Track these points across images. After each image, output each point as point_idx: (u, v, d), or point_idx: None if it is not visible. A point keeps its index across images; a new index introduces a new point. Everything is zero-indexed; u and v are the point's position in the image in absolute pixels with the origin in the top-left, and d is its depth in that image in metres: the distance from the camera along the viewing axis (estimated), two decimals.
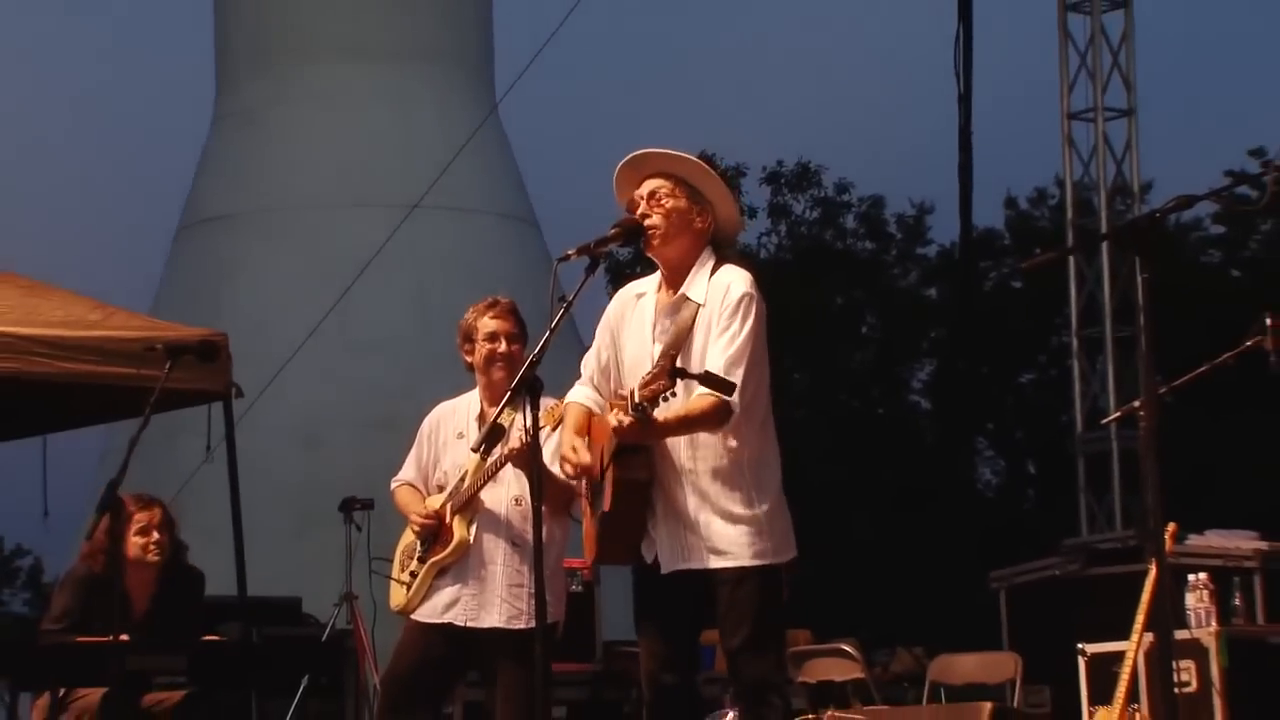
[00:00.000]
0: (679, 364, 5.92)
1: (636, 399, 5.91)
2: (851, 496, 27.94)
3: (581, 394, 6.47)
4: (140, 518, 8.55)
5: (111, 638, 7.88)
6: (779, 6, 67.61)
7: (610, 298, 6.68)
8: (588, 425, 6.35)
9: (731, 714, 6.88)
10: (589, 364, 6.50)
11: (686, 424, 6.05)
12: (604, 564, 6.51)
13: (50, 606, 9.04)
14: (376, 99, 18.94)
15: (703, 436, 6.13)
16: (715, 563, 6.17)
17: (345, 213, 17.72)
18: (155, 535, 8.67)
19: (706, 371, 5.87)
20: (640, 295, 6.47)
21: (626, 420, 5.99)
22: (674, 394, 5.88)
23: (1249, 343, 8.20)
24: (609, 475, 6.17)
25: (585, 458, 6.23)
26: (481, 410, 7.37)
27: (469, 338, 7.39)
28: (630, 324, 6.43)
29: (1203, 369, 8.25)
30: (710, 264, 6.29)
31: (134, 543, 8.60)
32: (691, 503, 6.18)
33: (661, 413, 5.95)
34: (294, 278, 17.22)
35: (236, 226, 19.02)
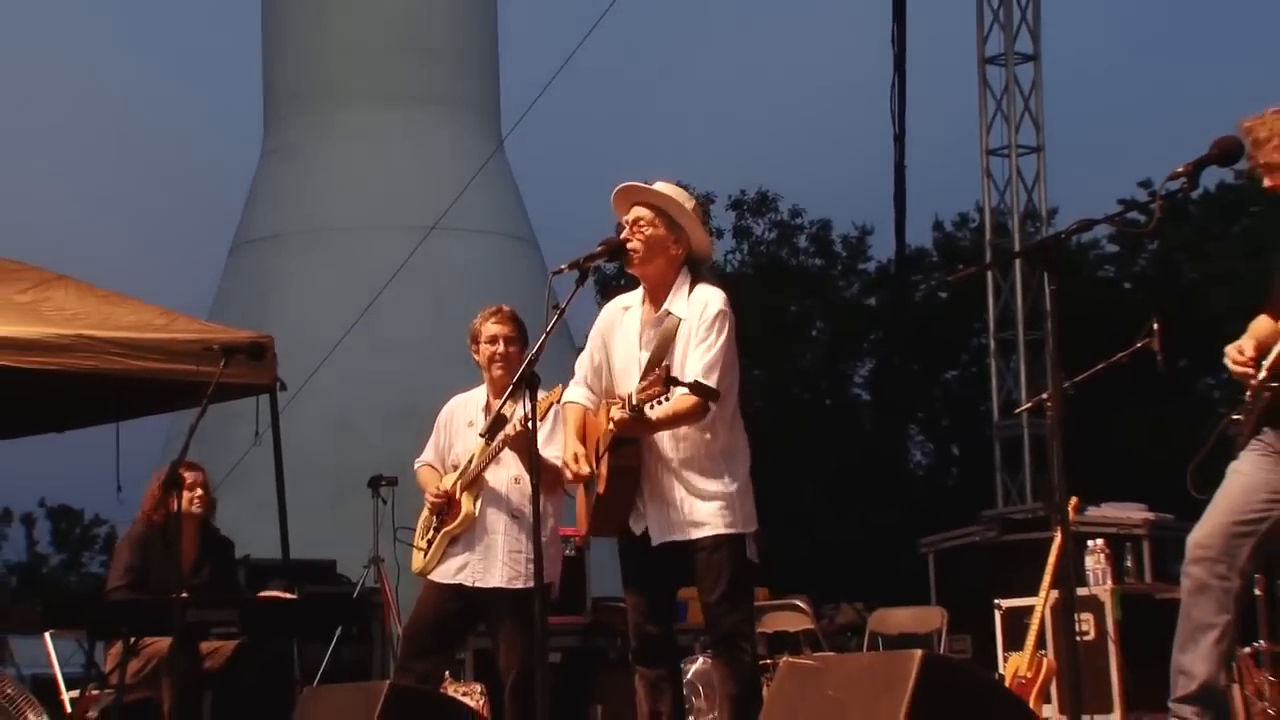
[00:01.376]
0: (669, 369, 6.00)
1: (634, 400, 6.00)
2: (803, 474, 27.94)
3: (577, 394, 6.50)
4: (187, 477, 8.62)
5: (174, 595, 7.89)
6: (746, 61, 67.57)
7: (598, 306, 6.73)
8: (584, 423, 6.40)
9: (701, 658, 6.85)
10: (583, 365, 6.54)
11: (674, 421, 6.11)
12: (596, 536, 6.50)
13: (114, 563, 9.06)
14: (400, 137, 18.92)
15: (683, 430, 6.19)
16: (694, 534, 6.21)
17: (373, 233, 17.71)
18: (199, 491, 8.75)
19: (697, 381, 5.94)
20: (626, 308, 6.49)
21: (625, 417, 6.06)
22: (667, 399, 5.91)
23: (1139, 344, 8.20)
24: (604, 463, 6.22)
25: (585, 470, 6.27)
26: (488, 402, 7.39)
27: (475, 340, 7.45)
28: (619, 332, 6.46)
29: (1100, 366, 8.25)
30: (688, 282, 6.33)
31: (184, 497, 8.63)
32: (674, 485, 6.23)
33: (653, 412, 6.02)
34: (330, 289, 17.21)
35: (281, 246, 19.03)
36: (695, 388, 5.93)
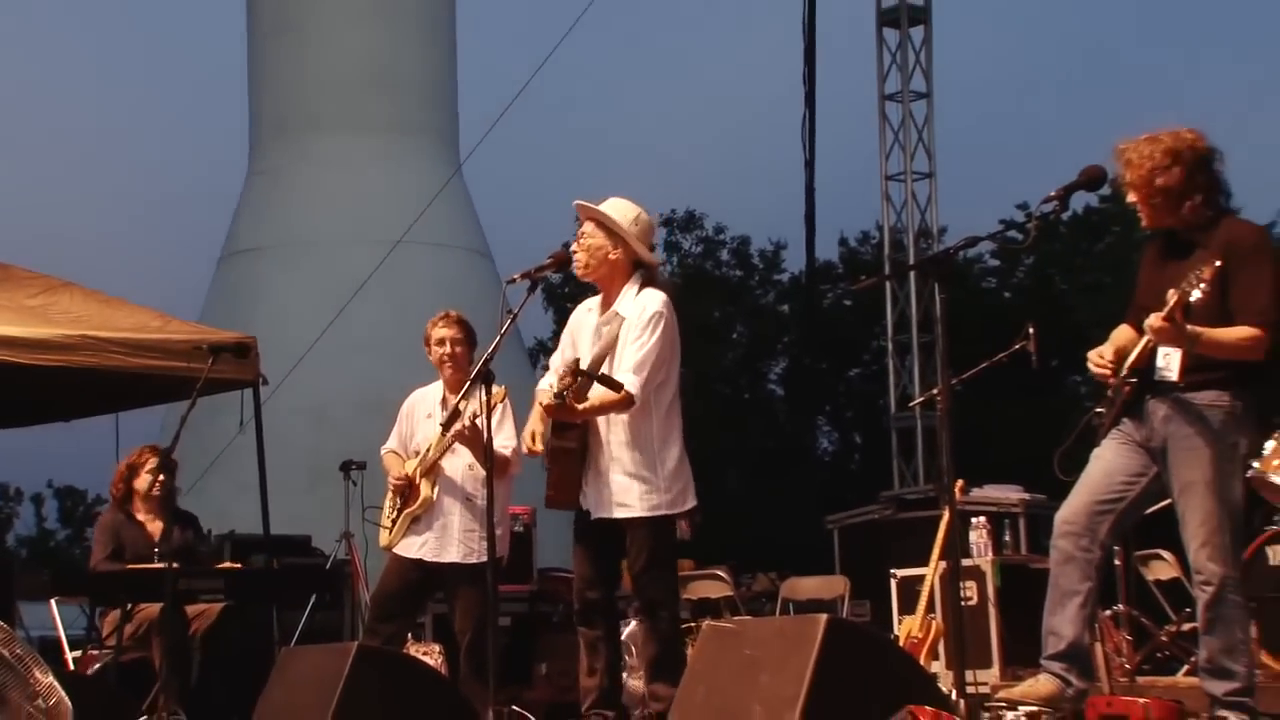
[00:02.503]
0: (588, 366, 6.10)
1: (557, 389, 6.07)
2: (725, 459, 27.96)
3: (546, 383, 6.51)
4: (149, 460, 8.68)
5: (167, 566, 7.86)
6: (677, 97, 67.64)
7: (546, 313, 6.77)
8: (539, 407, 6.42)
9: (634, 622, 6.85)
10: (555, 360, 6.65)
11: (600, 409, 6.17)
12: (552, 508, 6.51)
13: (94, 546, 9.05)
14: (370, 161, 18.85)
15: (622, 418, 6.25)
16: (621, 513, 6.24)
17: (346, 247, 17.64)
18: (160, 476, 8.64)
19: (601, 374, 6.04)
20: (589, 310, 6.58)
21: (551, 404, 6.17)
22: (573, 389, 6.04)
23: (1016, 346, 8.24)
24: (549, 443, 6.26)
25: (537, 448, 6.36)
26: (444, 396, 7.42)
27: (427, 343, 7.49)
28: (583, 331, 6.55)
29: (983, 365, 8.28)
30: (637, 286, 6.37)
31: (145, 479, 8.66)
32: (610, 467, 6.29)
33: (580, 402, 6.11)
34: (307, 295, 17.12)
35: (264, 257, 18.95)
36: (601, 379, 6.06)
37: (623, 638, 7.53)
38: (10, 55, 67.89)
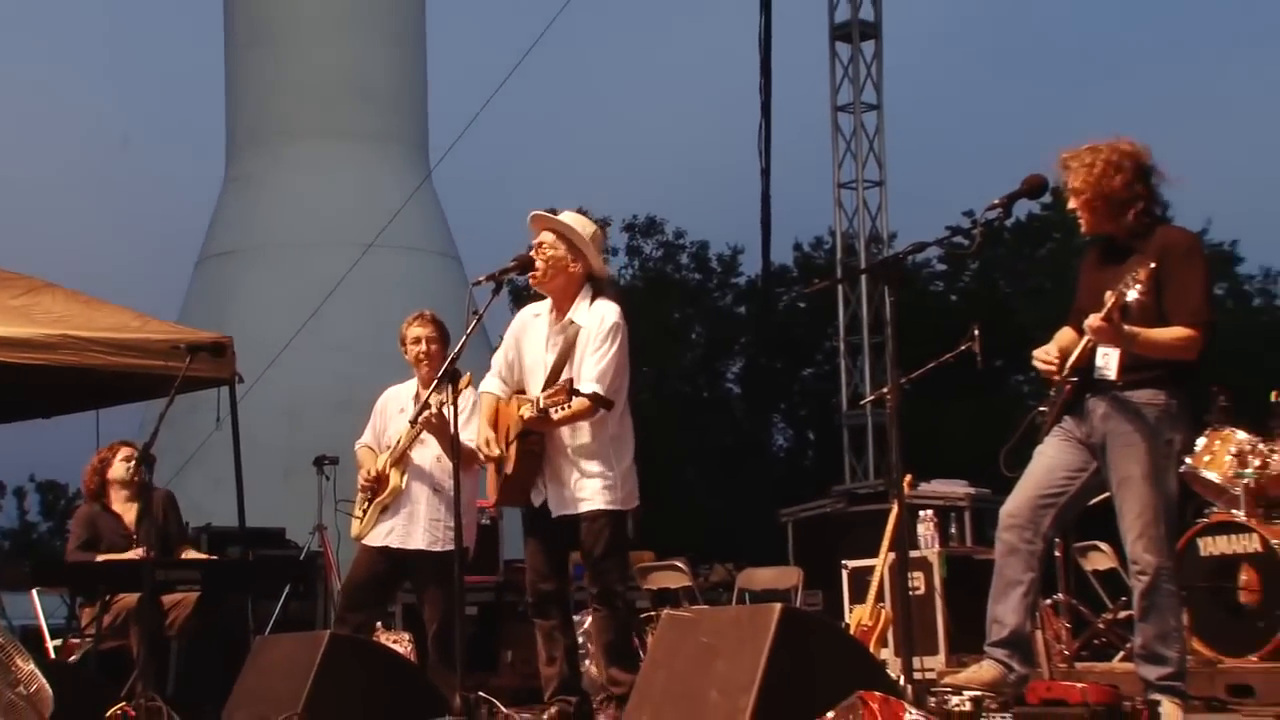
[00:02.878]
0: (548, 374, 6.18)
1: (542, 405, 6.10)
2: (683, 455, 28.01)
3: (493, 384, 6.57)
4: (123, 451, 8.62)
5: (144, 557, 7.84)
6: (639, 108, 67.68)
7: (511, 312, 6.80)
8: (496, 410, 6.45)
9: (590, 612, 6.86)
10: (498, 361, 6.63)
11: (572, 419, 6.24)
12: (503, 506, 6.56)
13: (70, 537, 9.00)
14: (342, 167, 18.84)
15: (587, 422, 6.26)
16: (581, 508, 6.25)
17: (319, 250, 17.62)
18: (131, 464, 8.63)
19: (596, 394, 6.07)
20: (537, 315, 6.56)
21: (534, 416, 6.17)
22: (568, 405, 6.04)
23: (962, 347, 8.26)
24: (514, 448, 6.30)
25: (495, 453, 6.36)
26: (417, 392, 7.43)
27: (403, 342, 7.49)
28: (529, 335, 6.55)
29: (931, 365, 8.30)
30: (590, 296, 6.40)
31: (120, 467, 8.64)
32: (569, 468, 6.32)
33: (557, 414, 6.13)
34: (282, 296, 17.08)
35: (240, 260, 18.94)
36: (594, 399, 6.09)
37: (583, 628, 7.54)
38: None
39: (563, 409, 6.10)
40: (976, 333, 8.28)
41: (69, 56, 69.37)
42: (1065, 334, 5.92)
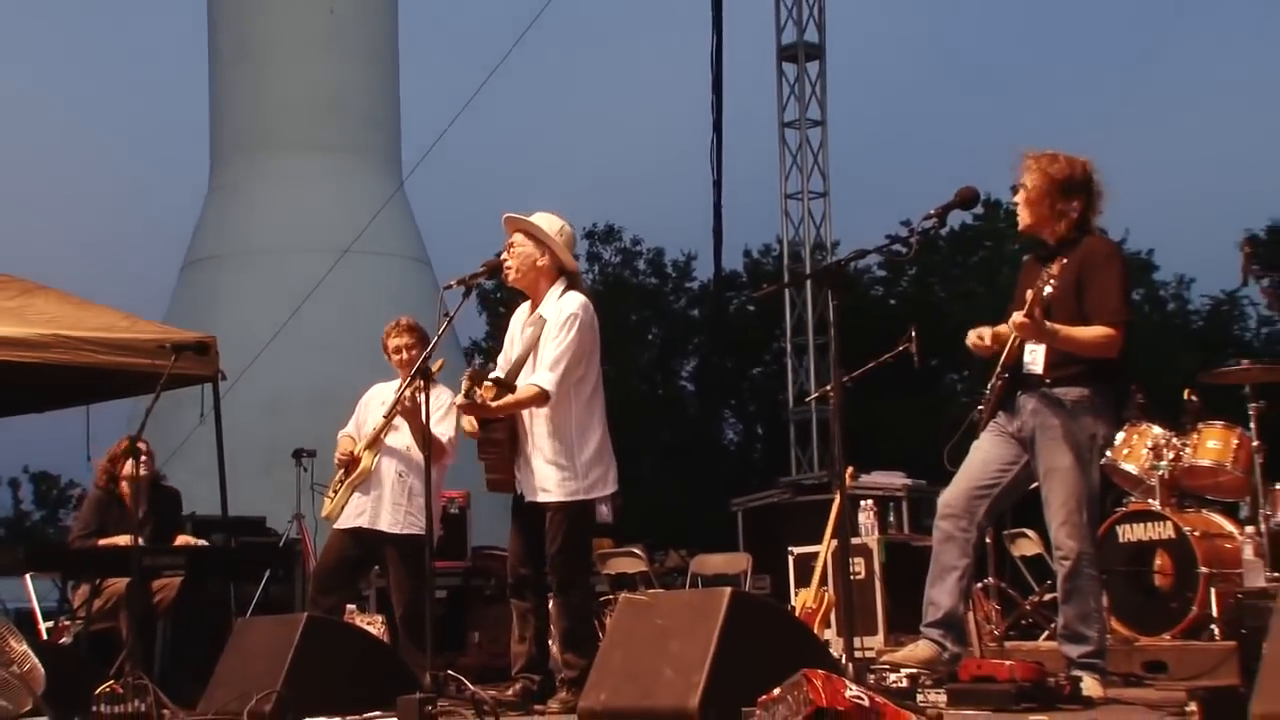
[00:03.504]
0: (511, 367, 6.11)
1: (479, 394, 6.11)
2: (640, 448, 27.98)
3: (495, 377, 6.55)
4: (140, 446, 8.63)
5: (132, 544, 7.81)
6: (599, 123, 67.65)
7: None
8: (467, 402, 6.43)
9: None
10: (500, 360, 6.53)
11: (516, 406, 6.19)
12: (493, 491, 6.50)
13: (76, 521, 9.02)
14: (320, 177, 18.78)
15: (544, 411, 6.22)
16: (543, 497, 6.23)
17: (298, 255, 17.57)
18: (144, 459, 8.65)
19: (496, 377, 6.07)
20: (520, 313, 6.53)
21: (468, 403, 6.19)
22: (479, 393, 6.07)
23: (900, 348, 8.30)
24: (480, 435, 6.28)
25: (473, 428, 6.32)
26: (399, 388, 7.40)
27: (385, 348, 7.50)
28: (514, 332, 6.53)
29: (871, 364, 8.32)
30: (560, 290, 6.35)
31: (128, 464, 8.55)
32: (535, 455, 6.26)
33: (496, 401, 6.10)
34: (263, 299, 17.02)
35: (224, 265, 18.86)
36: (497, 381, 6.07)
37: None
38: None
39: (479, 396, 6.08)
40: (913, 334, 8.31)
41: (55, 69, 68.91)
42: (1003, 329, 5.95)
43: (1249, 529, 8.05)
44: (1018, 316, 5.52)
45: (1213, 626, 7.70)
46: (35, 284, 10.41)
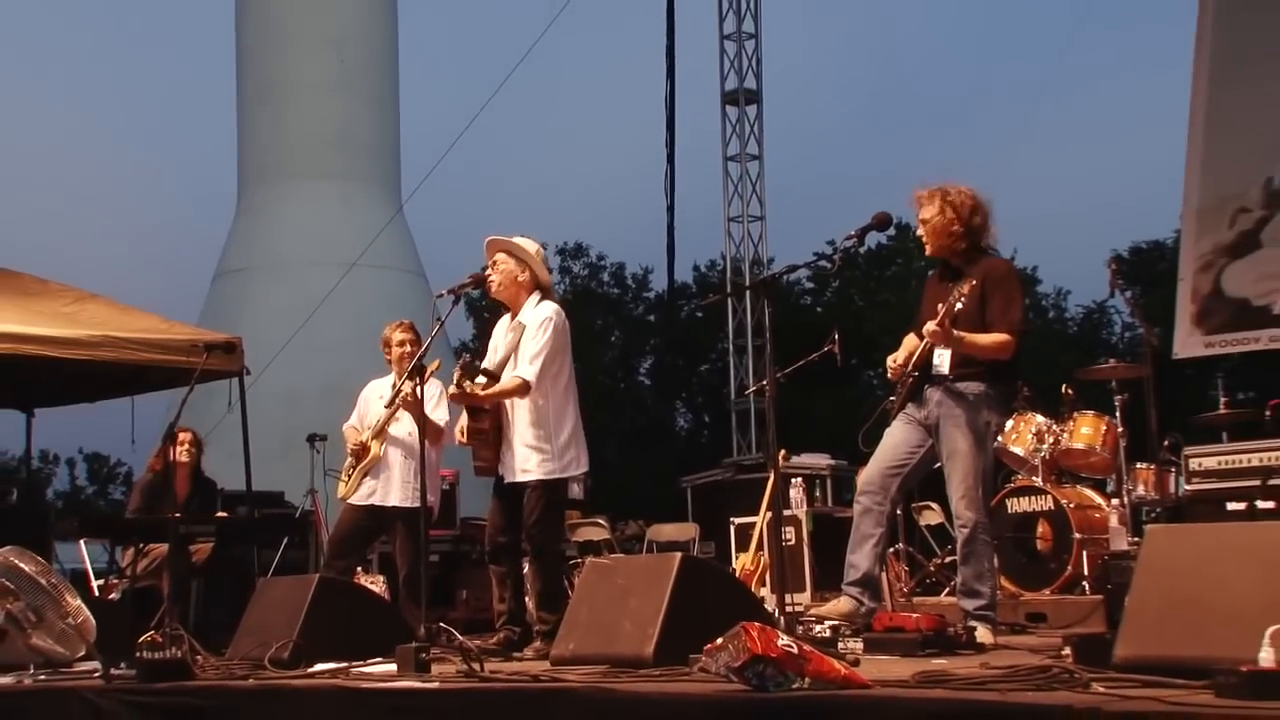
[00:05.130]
0: (494, 367, 6.09)
1: (464, 385, 6.11)
2: (604, 435, 27.97)
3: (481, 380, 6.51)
4: (181, 436, 8.57)
5: (171, 515, 7.80)
6: (569, 155, 67.57)
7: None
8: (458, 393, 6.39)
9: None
10: (486, 362, 6.51)
11: (500, 395, 6.19)
12: (480, 475, 6.48)
13: (129, 502, 8.99)
14: (332, 201, 18.75)
15: (524, 401, 6.22)
16: (523, 476, 6.21)
17: (313, 268, 17.49)
18: (187, 445, 8.61)
19: (484, 369, 6.05)
20: (502, 323, 6.52)
21: (456, 393, 6.19)
22: (482, 379, 6.08)
23: (826, 348, 8.31)
24: (466, 425, 6.28)
25: (464, 422, 6.33)
26: (394, 383, 7.37)
27: (387, 344, 7.45)
28: (497, 338, 6.51)
29: (800, 363, 8.34)
30: (537, 299, 6.34)
31: (177, 450, 8.57)
32: (515, 440, 6.23)
33: (482, 392, 6.12)
34: (283, 305, 16.93)
35: (249, 276, 18.79)
36: (484, 373, 6.08)
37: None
38: (43, 111, 66.45)
39: (473, 382, 6.07)
40: (836, 337, 8.33)
41: (106, 110, 68.43)
42: (909, 340, 5.98)
43: (1115, 501, 8.14)
44: (931, 325, 5.56)
45: (1084, 583, 7.79)
46: (88, 293, 10.37)
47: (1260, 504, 7.37)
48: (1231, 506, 7.46)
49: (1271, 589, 3.27)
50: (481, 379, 6.17)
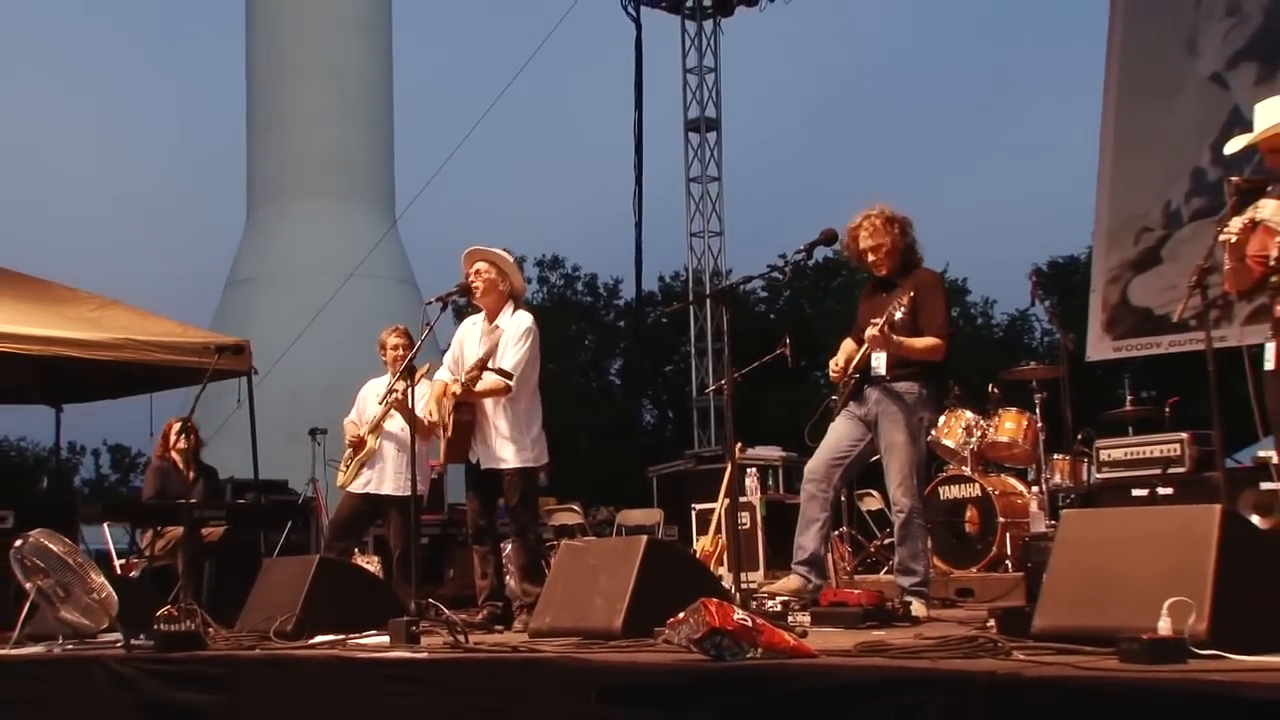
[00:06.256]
0: (490, 364, 6.02)
1: (464, 378, 6.03)
2: (578, 428, 27.98)
3: (444, 374, 6.50)
4: (179, 427, 8.57)
5: (186, 501, 7.77)
6: (548, 176, 67.52)
7: (453, 324, 6.78)
8: (444, 391, 6.35)
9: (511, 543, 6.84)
10: (448, 358, 6.56)
11: (490, 393, 6.16)
12: (449, 463, 6.48)
13: (145, 486, 8.97)
14: (333, 217, 18.71)
15: (502, 401, 6.22)
16: (501, 465, 6.21)
17: (315, 278, 17.42)
18: (192, 438, 8.61)
19: (499, 367, 5.98)
20: (474, 323, 6.50)
21: (459, 390, 6.11)
22: (481, 378, 5.99)
23: (778, 351, 8.34)
24: (451, 419, 6.23)
25: (435, 418, 6.32)
26: (389, 383, 7.34)
27: (383, 346, 7.43)
28: (468, 337, 6.48)
29: (755, 364, 8.37)
30: (512, 308, 6.34)
31: (179, 439, 8.70)
32: (493, 433, 6.23)
33: (476, 388, 6.06)
34: (287, 311, 16.88)
35: (257, 285, 18.71)
36: (498, 370, 6.03)
37: (506, 553, 7.54)
38: (79, 135, 66.07)
39: (481, 382, 6.04)
40: (788, 341, 8.36)
41: (127, 135, 68.01)
42: (848, 344, 6.00)
43: (1034, 488, 8.19)
44: (871, 331, 5.60)
45: (1007, 562, 7.83)
46: (112, 300, 10.33)
47: (1161, 490, 7.45)
48: (1136, 493, 7.54)
49: (1169, 566, 3.31)
50: (492, 376, 6.13)
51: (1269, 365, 4.87)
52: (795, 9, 16.55)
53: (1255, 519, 5.70)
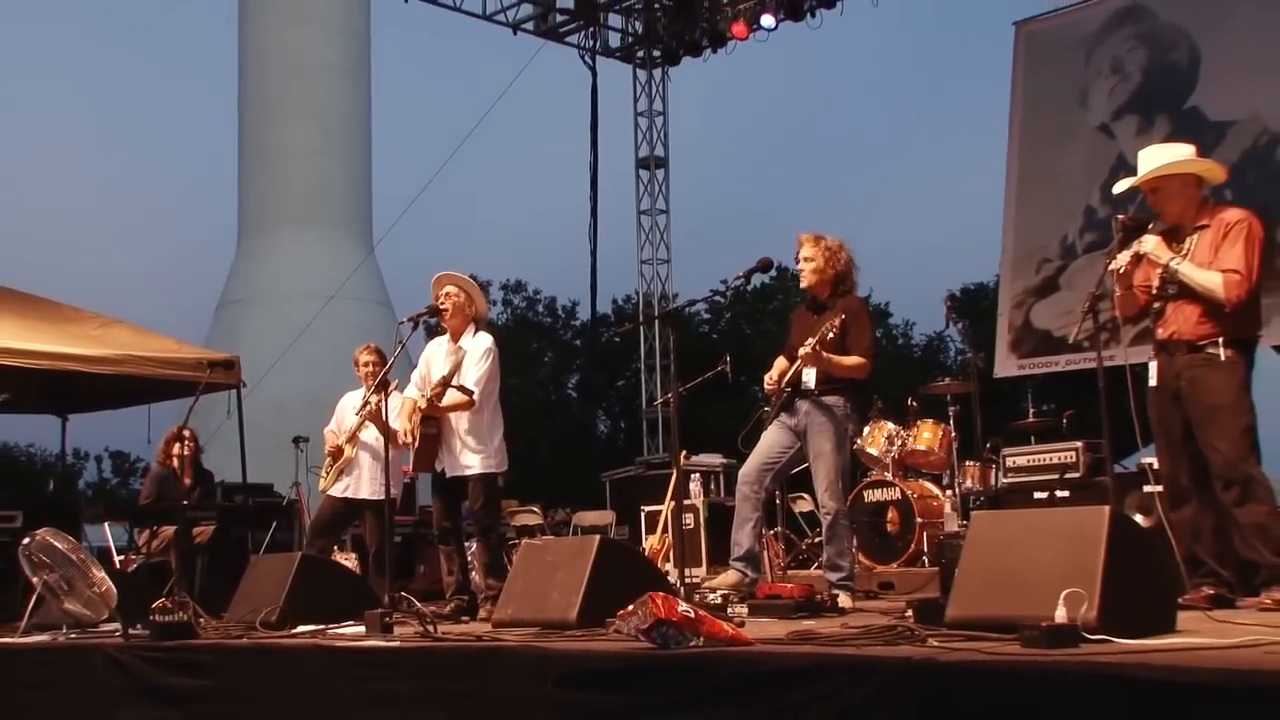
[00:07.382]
0: (454, 381, 6.00)
1: (429, 394, 6.04)
2: (539, 437, 27.91)
3: (411, 391, 6.45)
4: (185, 435, 8.45)
5: (179, 502, 7.69)
6: (512, 203, 67.42)
7: (423, 342, 6.75)
8: (413, 408, 6.32)
9: (475, 542, 6.81)
10: (415, 376, 6.51)
11: (454, 408, 6.15)
12: (418, 473, 6.44)
13: (143, 491, 8.87)
14: (315, 244, 18.58)
15: (466, 414, 6.21)
16: (466, 471, 6.19)
17: (299, 299, 17.30)
18: (190, 444, 8.49)
19: (459, 384, 5.97)
20: (439, 344, 6.46)
21: (423, 406, 6.10)
22: (443, 395, 6.00)
23: (720, 368, 8.37)
24: (418, 431, 6.21)
25: (408, 440, 6.25)
26: (364, 396, 7.30)
27: (356, 364, 7.39)
28: (434, 357, 6.46)
29: (699, 380, 8.40)
30: (474, 329, 6.33)
31: (178, 446, 8.58)
32: (457, 444, 6.21)
33: (441, 403, 6.07)
34: (274, 330, 16.74)
35: (247, 306, 18.54)
36: (459, 388, 6.03)
37: (472, 550, 7.52)
38: (85, 162, 65.18)
39: (445, 398, 6.03)
40: (728, 359, 8.40)
41: (129, 165, 67.19)
42: (781, 361, 6.04)
43: (949, 492, 8.27)
44: (805, 348, 5.64)
45: (924, 558, 7.89)
46: (114, 319, 10.25)
47: (1058, 493, 7.54)
48: (1037, 495, 7.63)
49: (1066, 561, 3.36)
50: (455, 393, 6.12)
51: (1151, 382, 4.96)
52: (736, 59, 16.61)
53: (1139, 518, 5.79)
